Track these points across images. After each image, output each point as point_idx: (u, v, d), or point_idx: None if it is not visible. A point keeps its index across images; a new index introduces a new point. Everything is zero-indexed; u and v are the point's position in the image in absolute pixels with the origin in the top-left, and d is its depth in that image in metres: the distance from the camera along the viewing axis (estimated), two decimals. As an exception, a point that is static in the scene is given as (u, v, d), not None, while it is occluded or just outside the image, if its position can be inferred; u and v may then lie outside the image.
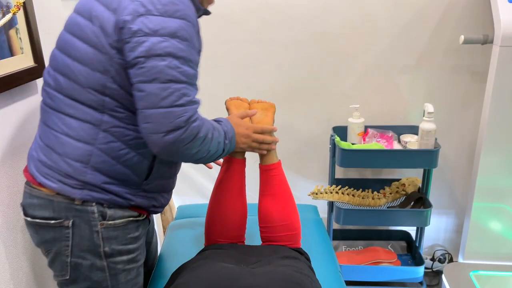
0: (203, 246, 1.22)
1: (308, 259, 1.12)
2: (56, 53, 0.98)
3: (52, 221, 0.97)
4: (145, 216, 1.10)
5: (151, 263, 1.34)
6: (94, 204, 0.98)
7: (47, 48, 1.24)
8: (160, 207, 1.12)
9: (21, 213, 1.03)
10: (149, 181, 1.04)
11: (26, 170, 1.03)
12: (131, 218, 1.04)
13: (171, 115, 0.87)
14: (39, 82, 1.21)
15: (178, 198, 2.21)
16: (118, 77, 0.91)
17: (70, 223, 0.97)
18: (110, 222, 0.99)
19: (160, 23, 0.86)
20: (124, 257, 1.03)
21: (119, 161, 0.97)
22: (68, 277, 1.01)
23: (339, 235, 2.13)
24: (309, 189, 2.10)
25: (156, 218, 2.21)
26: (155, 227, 1.91)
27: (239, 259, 1.04)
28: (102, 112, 0.94)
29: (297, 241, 1.20)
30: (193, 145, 0.94)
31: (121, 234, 1.01)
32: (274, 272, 0.89)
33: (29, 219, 1.00)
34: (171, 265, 1.24)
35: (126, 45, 0.87)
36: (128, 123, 0.96)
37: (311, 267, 1.08)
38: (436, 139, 1.74)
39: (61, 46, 0.97)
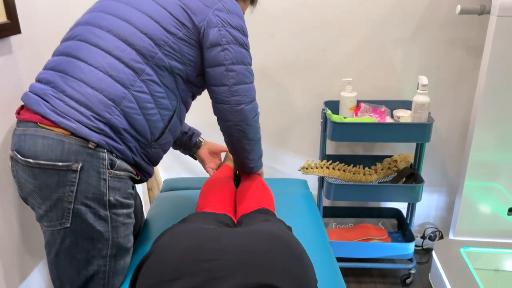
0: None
1: (284, 223, 1.10)
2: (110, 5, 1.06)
3: (60, 163, 0.94)
4: (139, 177, 1.11)
5: (137, 229, 1.30)
6: (105, 150, 0.98)
7: (21, 4, 1.18)
8: (147, 175, 1.15)
9: (9, 161, 1.00)
10: (157, 144, 1.10)
11: (28, 111, 0.98)
12: (130, 174, 1.06)
13: (251, 89, 1.13)
14: (13, 39, 1.14)
15: (167, 174, 2.16)
16: (181, 44, 1.04)
17: (79, 167, 0.95)
18: (117, 172, 1.01)
19: (239, 23, 1.11)
20: (125, 210, 1.04)
21: (144, 113, 1.02)
22: (68, 225, 0.97)
23: (329, 213, 2.10)
24: (299, 165, 2.06)
25: (144, 195, 2.17)
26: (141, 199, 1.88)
27: (222, 222, 1.00)
28: (147, 64, 1.01)
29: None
30: (256, 117, 1.17)
31: (123, 187, 1.03)
32: (259, 231, 0.85)
33: (31, 160, 0.94)
34: (156, 234, 1.19)
35: (212, 29, 1.05)
36: (163, 82, 1.04)
37: (290, 229, 1.05)
38: (429, 113, 1.70)
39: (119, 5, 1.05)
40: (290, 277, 0.74)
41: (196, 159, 1.52)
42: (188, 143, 1.47)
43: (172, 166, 2.13)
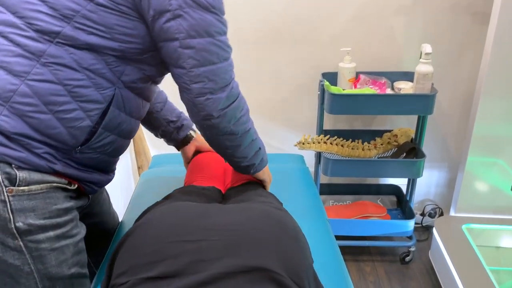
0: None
1: (275, 197, 1.01)
2: None
3: None
4: (76, 186, 0.87)
5: (112, 226, 1.17)
6: None
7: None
8: (97, 184, 0.92)
9: None
10: (85, 149, 0.83)
11: None
12: (55, 184, 0.82)
13: (222, 71, 0.83)
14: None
15: (156, 151, 2.07)
16: (105, 14, 0.76)
17: None
18: (23, 188, 0.77)
19: None
20: (51, 233, 0.82)
21: (51, 110, 0.76)
22: None
23: (327, 190, 2.03)
24: (295, 140, 1.98)
25: (134, 174, 2.08)
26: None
27: (208, 199, 0.92)
28: (49, 41, 0.75)
29: None
30: (238, 106, 0.88)
31: (41, 205, 0.80)
32: (251, 208, 0.77)
33: None
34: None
35: None
36: (80, 64, 0.77)
37: (282, 205, 0.97)
38: (432, 84, 1.62)
39: None
40: (283, 259, 0.66)
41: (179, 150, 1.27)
42: (174, 136, 1.20)
43: (162, 142, 2.04)
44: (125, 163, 2.01)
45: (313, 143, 1.71)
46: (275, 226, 0.72)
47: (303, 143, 1.70)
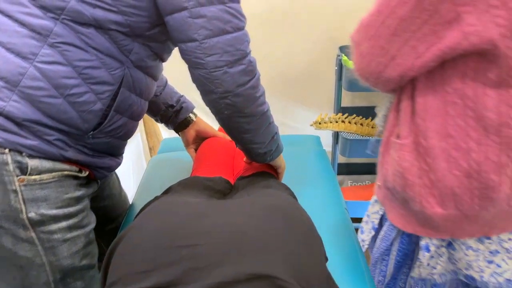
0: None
1: (287, 188, 0.93)
2: None
3: None
4: (87, 173, 0.85)
5: (123, 208, 1.14)
6: (6, 151, 0.72)
7: None
8: (107, 169, 0.89)
9: None
10: (97, 133, 0.80)
11: None
12: (66, 173, 0.79)
13: (238, 41, 0.76)
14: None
15: (167, 133, 2.01)
16: None
17: None
18: (33, 177, 0.74)
19: None
20: (63, 223, 0.79)
21: (62, 93, 0.73)
22: None
23: (345, 170, 1.95)
24: (312, 119, 1.88)
25: (145, 155, 2.03)
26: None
27: (211, 192, 0.85)
28: (55, 19, 0.71)
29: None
30: (252, 82, 0.80)
31: (53, 194, 0.77)
32: (256, 203, 0.69)
33: None
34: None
35: None
36: (88, 43, 0.74)
37: (294, 197, 0.90)
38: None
39: None
40: (291, 263, 0.59)
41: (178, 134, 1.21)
42: (173, 119, 1.14)
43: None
44: (136, 144, 1.96)
45: (330, 122, 1.62)
46: (282, 225, 0.65)
47: (320, 123, 1.61)
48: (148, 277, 0.56)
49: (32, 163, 0.74)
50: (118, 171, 1.10)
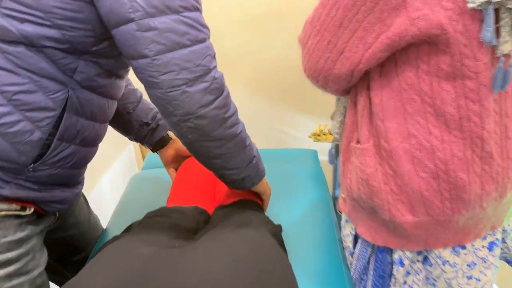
0: (164, 204, 0.96)
1: (269, 222, 0.83)
2: None
3: None
4: (32, 210, 0.75)
5: (93, 235, 1.04)
6: None
7: None
8: (60, 202, 0.79)
9: None
10: (39, 166, 0.71)
11: None
12: (4, 213, 0.71)
13: (198, 55, 0.66)
14: None
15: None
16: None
17: None
18: None
19: None
20: (0, 272, 0.70)
21: None
22: None
23: (349, 181, 1.82)
24: (312, 128, 1.77)
25: (139, 166, 1.95)
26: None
27: (177, 232, 0.75)
28: None
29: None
30: (219, 102, 0.69)
31: None
32: (215, 259, 0.59)
33: None
34: (124, 226, 0.94)
35: None
36: (18, 64, 0.64)
37: (277, 232, 0.79)
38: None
39: None
40: None
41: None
42: (149, 138, 1.04)
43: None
44: (128, 155, 1.88)
45: (330, 134, 1.49)
46: (245, 284, 0.54)
47: (318, 135, 1.49)
48: None
49: None
50: (110, 184, 1.01)
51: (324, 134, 1.50)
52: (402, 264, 0.76)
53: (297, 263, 0.75)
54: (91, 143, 0.79)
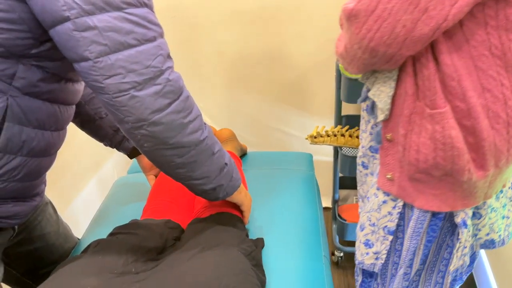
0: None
1: (244, 241, 0.76)
2: None
3: None
4: None
5: (64, 247, 0.98)
6: None
7: None
8: (14, 217, 0.73)
9: None
10: None
11: None
12: None
13: (146, 56, 0.61)
14: None
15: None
16: None
17: None
18: None
19: None
20: None
21: None
22: None
23: (349, 184, 1.75)
24: (311, 130, 1.69)
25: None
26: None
27: (137, 255, 0.69)
28: None
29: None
30: (183, 107, 0.65)
31: None
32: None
33: None
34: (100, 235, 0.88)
35: None
36: None
37: (251, 252, 0.72)
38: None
39: None
40: None
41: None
42: (125, 144, 1.00)
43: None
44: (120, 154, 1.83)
45: (328, 136, 1.41)
46: None
47: (315, 137, 1.41)
48: None
49: None
50: (101, 186, 0.95)
51: (321, 136, 1.42)
52: (465, 225, 0.79)
53: (280, 268, 0.73)
54: (42, 153, 0.72)
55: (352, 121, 1.52)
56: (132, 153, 1.02)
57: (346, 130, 1.43)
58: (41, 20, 0.59)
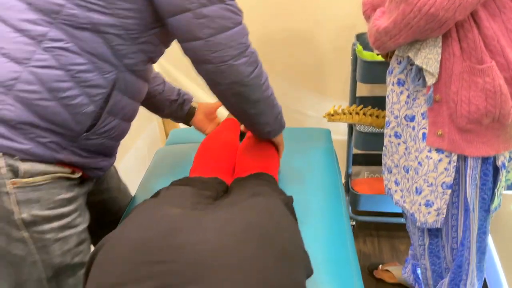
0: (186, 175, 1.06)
1: (282, 193, 0.92)
2: None
3: None
4: (80, 174, 0.87)
5: (123, 201, 1.16)
6: (0, 154, 0.74)
7: None
8: (100, 170, 0.91)
9: None
10: (90, 135, 0.82)
11: None
12: (58, 175, 0.81)
13: (239, 34, 0.81)
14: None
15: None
16: None
17: None
18: (26, 179, 0.76)
19: None
20: (55, 224, 0.82)
21: (56, 96, 0.75)
22: None
23: (362, 160, 1.89)
24: (328, 108, 1.83)
25: (161, 143, 2.06)
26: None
27: (199, 198, 0.84)
28: (50, 23, 0.72)
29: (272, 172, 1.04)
30: (257, 71, 0.86)
31: (46, 195, 0.79)
32: (231, 221, 0.68)
33: None
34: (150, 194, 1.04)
35: None
36: (83, 47, 0.75)
37: (288, 202, 0.88)
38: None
39: None
40: (262, 284, 0.58)
41: (191, 125, 1.27)
42: (180, 113, 1.20)
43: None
44: (151, 132, 1.99)
45: (344, 114, 1.56)
46: (255, 246, 0.63)
47: (332, 115, 1.56)
48: None
49: (24, 166, 0.76)
50: (135, 158, 1.14)
51: (338, 114, 1.57)
52: (504, 166, 0.95)
53: (305, 232, 0.84)
54: (129, 119, 0.91)
55: (365, 102, 1.65)
56: (187, 118, 1.22)
57: (360, 109, 1.58)
58: (162, 10, 0.77)
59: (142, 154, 1.82)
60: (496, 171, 0.97)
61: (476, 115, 0.88)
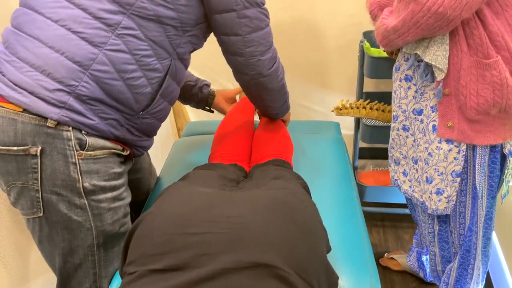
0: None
1: (299, 178, 0.99)
2: None
3: (15, 147, 0.81)
4: (128, 152, 0.97)
5: (147, 190, 1.24)
6: (71, 129, 0.83)
7: None
8: (144, 148, 1.02)
9: None
10: (146, 114, 0.93)
11: None
12: (113, 151, 0.91)
13: (268, 34, 0.98)
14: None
15: (195, 116, 2.08)
16: None
17: (38, 151, 0.82)
18: (90, 152, 0.86)
19: None
20: (108, 194, 0.91)
21: (122, 77, 0.85)
22: (41, 214, 0.87)
23: (367, 154, 1.96)
24: (335, 103, 1.90)
25: (173, 136, 2.12)
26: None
27: (225, 181, 0.91)
28: (124, 13, 0.83)
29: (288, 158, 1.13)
30: (275, 66, 1.02)
31: (102, 168, 0.89)
32: (259, 197, 0.75)
33: None
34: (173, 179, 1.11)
35: None
36: (147, 36, 0.87)
37: (305, 186, 0.95)
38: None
39: None
40: (290, 254, 0.65)
41: (212, 111, 1.37)
42: (201, 96, 1.30)
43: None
44: (165, 125, 2.05)
45: (351, 108, 1.62)
46: (283, 220, 0.70)
47: (340, 109, 1.62)
48: (161, 260, 0.63)
49: (90, 140, 0.85)
50: (150, 150, 1.22)
51: (345, 108, 1.63)
52: (511, 154, 1.01)
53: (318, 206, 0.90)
54: (173, 102, 1.02)
55: (371, 97, 1.72)
56: (208, 101, 1.32)
57: (367, 104, 1.64)
58: (212, 7, 0.91)
59: (154, 147, 1.88)
60: (504, 159, 1.03)
61: (485, 107, 0.94)
